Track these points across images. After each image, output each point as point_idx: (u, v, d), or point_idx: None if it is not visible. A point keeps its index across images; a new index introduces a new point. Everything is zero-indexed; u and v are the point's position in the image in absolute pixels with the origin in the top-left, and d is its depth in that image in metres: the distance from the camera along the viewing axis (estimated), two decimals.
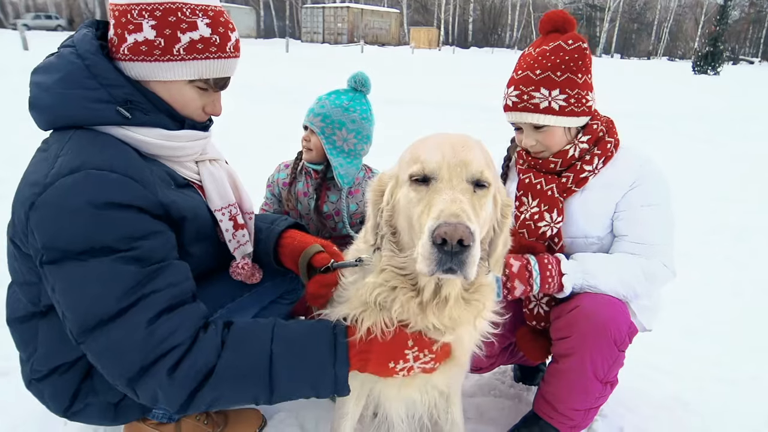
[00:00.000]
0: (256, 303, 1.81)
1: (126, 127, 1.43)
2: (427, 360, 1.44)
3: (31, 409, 1.84)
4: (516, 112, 1.80)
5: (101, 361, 1.33)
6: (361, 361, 1.41)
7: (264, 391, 1.36)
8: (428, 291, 1.35)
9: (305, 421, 2.04)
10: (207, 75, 1.49)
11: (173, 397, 1.31)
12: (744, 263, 3.86)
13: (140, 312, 1.29)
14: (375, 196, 1.41)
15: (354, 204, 2.42)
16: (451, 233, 1.09)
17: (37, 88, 1.43)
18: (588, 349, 1.72)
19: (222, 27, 1.48)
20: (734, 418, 2.16)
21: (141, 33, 1.40)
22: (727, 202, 5.29)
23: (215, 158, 1.71)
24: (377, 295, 1.38)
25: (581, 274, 1.74)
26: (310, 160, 2.40)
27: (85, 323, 1.29)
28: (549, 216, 1.84)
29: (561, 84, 1.73)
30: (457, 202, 1.16)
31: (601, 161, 1.83)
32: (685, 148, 8.01)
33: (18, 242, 1.43)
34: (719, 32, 35.28)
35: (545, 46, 1.78)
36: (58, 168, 1.31)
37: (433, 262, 1.13)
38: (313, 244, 1.73)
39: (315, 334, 1.42)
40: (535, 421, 1.92)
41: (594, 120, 1.84)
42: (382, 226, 1.37)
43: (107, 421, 1.66)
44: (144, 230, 1.35)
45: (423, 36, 59.52)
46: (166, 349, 1.29)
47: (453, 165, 1.23)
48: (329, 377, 1.38)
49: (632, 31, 73.50)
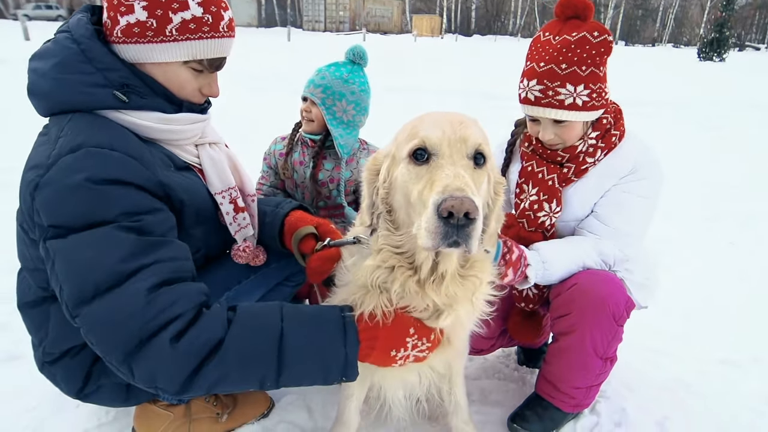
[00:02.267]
0: (262, 285, 1.83)
1: (123, 111, 1.43)
2: (423, 348, 1.44)
3: (44, 391, 1.88)
4: (539, 107, 1.74)
5: (97, 333, 1.25)
6: (369, 347, 1.41)
7: (272, 371, 1.31)
8: (426, 268, 1.36)
9: (312, 404, 2.07)
10: (201, 55, 1.49)
11: (173, 374, 1.24)
12: (748, 249, 3.86)
13: (140, 281, 1.25)
14: (370, 175, 1.42)
15: (348, 171, 2.46)
16: (458, 206, 1.10)
17: (34, 75, 1.43)
18: (588, 324, 1.74)
19: (214, 6, 1.47)
20: (736, 399, 2.18)
21: (133, 15, 1.40)
22: (732, 189, 5.28)
23: (215, 141, 1.71)
24: (377, 277, 1.39)
25: (541, 264, 1.75)
26: (311, 131, 2.45)
27: (83, 293, 1.25)
28: (548, 206, 1.85)
29: (585, 79, 1.69)
30: (460, 177, 1.17)
31: (603, 153, 1.83)
32: (690, 135, 7.97)
33: (26, 227, 1.44)
34: (725, 18, 34.83)
35: (567, 35, 1.70)
36: (59, 149, 1.32)
37: (438, 236, 1.13)
38: (306, 226, 1.73)
39: (324, 315, 1.42)
40: (538, 402, 1.95)
41: (605, 113, 1.83)
42: (378, 205, 1.38)
43: (119, 402, 1.70)
44: (144, 206, 1.35)
45: (425, 24, 59.05)
46: (167, 319, 1.24)
47: (453, 141, 1.24)
48: (340, 357, 1.36)
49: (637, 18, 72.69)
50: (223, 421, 1.90)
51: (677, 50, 52.19)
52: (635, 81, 15.47)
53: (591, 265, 1.80)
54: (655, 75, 17.93)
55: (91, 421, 1.91)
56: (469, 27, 69.89)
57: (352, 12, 55.40)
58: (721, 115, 9.92)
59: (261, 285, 1.84)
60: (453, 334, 1.55)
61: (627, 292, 1.79)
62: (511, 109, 8.22)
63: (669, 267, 3.27)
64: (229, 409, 1.93)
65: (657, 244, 3.40)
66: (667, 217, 4.15)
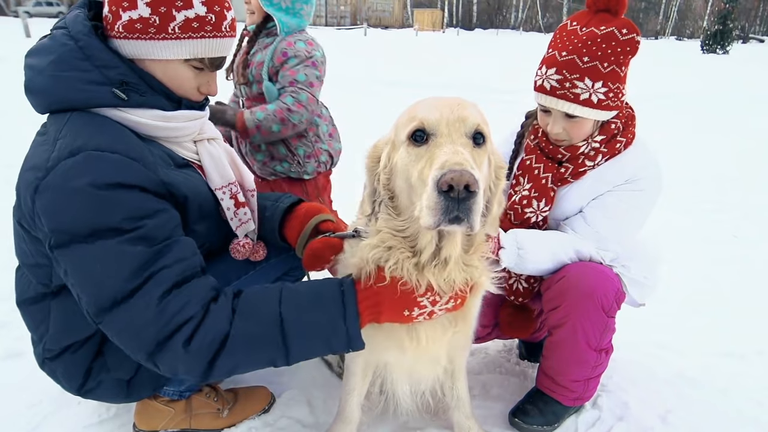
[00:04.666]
0: (263, 279, 1.82)
1: (122, 109, 1.42)
2: (446, 301, 1.43)
3: (46, 388, 1.88)
4: (553, 98, 1.70)
5: (121, 339, 1.36)
6: (373, 314, 1.42)
7: (280, 353, 1.38)
8: (427, 252, 1.35)
9: (313, 399, 2.07)
10: (202, 54, 1.49)
11: (193, 367, 1.34)
12: (752, 241, 3.84)
13: (151, 290, 1.31)
14: (372, 163, 1.42)
15: (271, 56, 2.41)
16: (458, 179, 1.10)
17: (31, 71, 1.42)
18: (577, 317, 1.74)
19: (218, 5, 1.47)
20: (740, 392, 2.17)
21: (136, 10, 1.39)
22: (736, 182, 5.25)
23: (213, 137, 1.71)
24: (373, 254, 1.39)
25: (516, 249, 1.73)
26: (252, 23, 2.48)
27: (100, 304, 1.31)
28: (536, 203, 1.84)
29: (605, 76, 1.65)
30: (459, 153, 1.17)
31: (605, 159, 1.80)
32: (693, 128, 7.93)
33: (26, 225, 1.44)
34: (729, 10, 34.60)
35: (595, 28, 1.65)
36: (58, 151, 1.31)
37: (439, 212, 1.12)
38: (322, 213, 1.74)
39: (323, 292, 1.43)
40: (539, 396, 1.95)
41: (615, 118, 1.78)
42: (380, 192, 1.38)
43: (120, 398, 1.70)
44: (148, 209, 1.36)
45: (427, 18, 58.86)
46: (179, 323, 1.31)
47: (452, 121, 1.24)
48: (341, 332, 1.39)
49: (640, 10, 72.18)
50: (224, 416, 1.90)
51: (680, 43, 51.89)
52: (638, 74, 15.35)
53: (566, 262, 1.79)
54: (658, 68, 17.80)
55: (92, 417, 1.92)
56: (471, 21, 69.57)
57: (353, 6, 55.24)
58: (724, 108, 9.87)
59: (261, 279, 1.83)
60: (462, 319, 1.54)
61: (618, 284, 1.77)
62: (514, 103, 8.21)
63: (672, 259, 3.24)
64: (230, 405, 1.93)
65: (660, 236, 3.38)
66: (670, 209, 4.13)
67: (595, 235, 1.79)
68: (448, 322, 1.53)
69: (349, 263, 1.51)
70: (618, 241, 1.81)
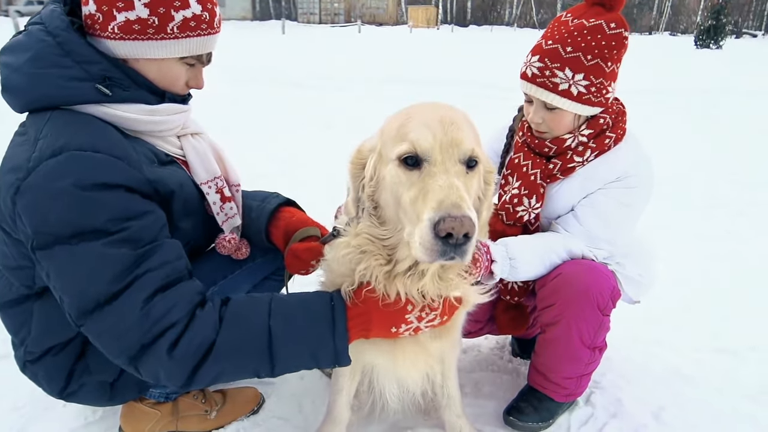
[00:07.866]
0: (249, 280, 1.81)
1: (106, 105, 1.39)
2: (432, 318, 1.43)
3: (31, 391, 1.83)
4: (532, 85, 1.71)
5: (102, 342, 1.33)
6: (362, 331, 1.41)
7: (265, 365, 1.36)
8: (404, 264, 1.34)
9: (302, 399, 2.04)
10: (199, 51, 1.50)
11: (175, 375, 1.31)
12: (745, 237, 3.83)
13: (134, 293, 1.28)
14: (355, 169, 1.38)
15: None
16: (458, 228, 1.07)
17: (7, 69, 1.38)
18: (573, 315, 1.72)
19: (210, 3, 1.49)
20: (733, 389, 2.16)
21: (133, 11, 1.37)
22: (729, 177, 5.25)
23: (197, 132, 1.69)
24: (346, 254, 1.38)
25: (508, 261, 1.70)
26: None
27: (82, 307, 1.28)
28: (528, 201, 1.81)
29: (588, 69, 1.64)
30: (454, 188, 1.13)
31: (594, 154, 1.78)
32: (686, 123, 7.93)
33: (7, 228, 1.40)
34: (722, 5, 34.63)
35: (585, 20, 1.64)
36: (39, 151, 1.28)
37: (436, 253, 1.11)
38: (312, 227, 1.73)
39: (313, 307, 1.41)
40: (533, 394, 1.94)
41: (604, 113, 1.76)
42: (364, 201, 1.35)
43: (104, 401, 1.67)
44: (133, 210, 1.33)
45: (421, 15, 58.65)
46: (163, 328, 1.28)
47: (445, 146, 1.19)
48: (329, 348, 1.38)
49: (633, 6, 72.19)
50: (212, 418, 1.88)
51: (674, 38, 52.01)
52: (632, 70, 15.38)
53: (559, 263, 1.76)
54: (652, 63, 17.83)
55: (78, 420, 1.89)
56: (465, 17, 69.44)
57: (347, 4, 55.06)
58: (717, 103, 9.88)
59: (247, 279, 1.82)
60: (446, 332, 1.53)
61: (614, 282, 1.76)
62: (508, 99, 8.19)
63: (665, 256, 3.23)
64: (218, 406, 1.90)
65: (654, 231, 3.37)
66: (664, 205, 4.12)
67: (586, 234, 1.77)
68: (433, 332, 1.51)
69: (330, 268, 1.49)
70: (610, 240, 1.79)
